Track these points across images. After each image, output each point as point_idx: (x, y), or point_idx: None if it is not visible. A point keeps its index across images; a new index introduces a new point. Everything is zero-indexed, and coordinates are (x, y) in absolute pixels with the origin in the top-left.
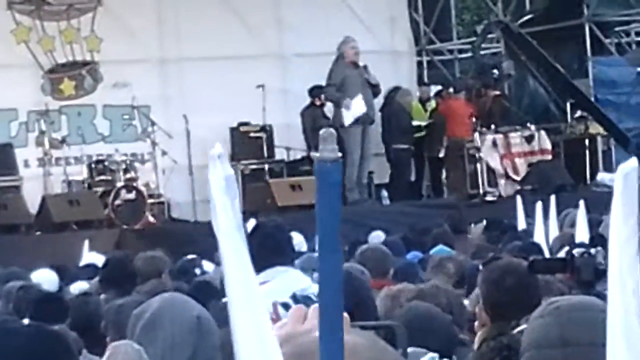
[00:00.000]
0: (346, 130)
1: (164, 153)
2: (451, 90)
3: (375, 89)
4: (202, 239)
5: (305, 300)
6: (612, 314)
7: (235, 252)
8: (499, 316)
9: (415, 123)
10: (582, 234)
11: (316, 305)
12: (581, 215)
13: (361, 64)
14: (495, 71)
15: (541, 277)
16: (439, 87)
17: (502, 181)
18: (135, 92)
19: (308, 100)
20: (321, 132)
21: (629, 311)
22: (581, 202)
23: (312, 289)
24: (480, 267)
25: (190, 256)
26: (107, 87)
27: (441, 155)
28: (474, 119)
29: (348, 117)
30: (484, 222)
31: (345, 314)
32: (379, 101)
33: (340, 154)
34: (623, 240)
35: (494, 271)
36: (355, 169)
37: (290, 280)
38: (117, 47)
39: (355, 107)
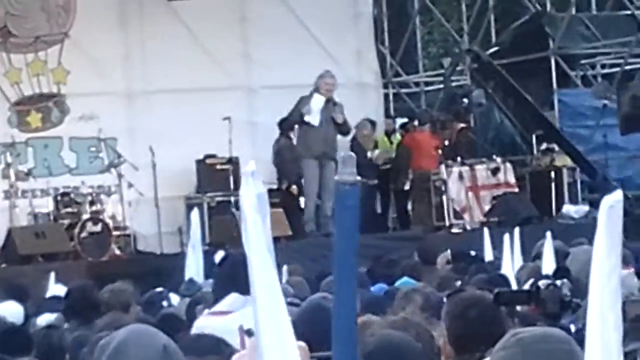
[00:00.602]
0: (304, 162)
1: (130, 185)
2: (416, 122)
3: (340, 127)
4: (168, 271)
5: None
6: (591, 348)
7: (264, 268)
8: (462, 349)
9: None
10: (548, 265)
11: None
12: (548, 246)
13: (337, 100)
14: (465, 100)
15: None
16: (405, 120)
17: (466, 214)
18: (102, 124)
19: (275, 132)
20: (341, 154)
21: (609, 346)
22: (548, 234)
23: None
24: (445, 299)
25: (158, 289)
26: (74, 119)
27: (406, 187)
28: (439, 151)
29: (314, 118)
30: (448, 251)
31: (303, 344)
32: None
33: (358, 178)
34: (605, 273)
35: (458, 303)
36: (312, 201)
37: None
38: (84, 79)
39: (315, 105)
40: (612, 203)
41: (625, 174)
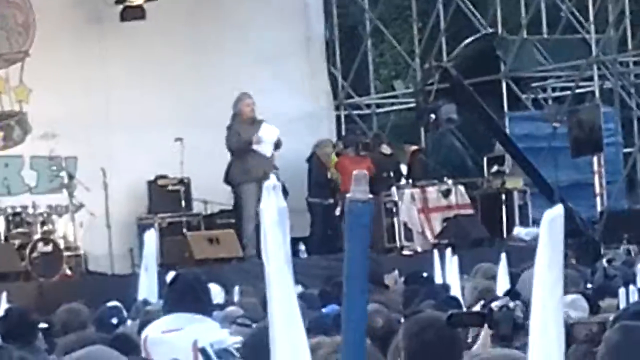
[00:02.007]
0: (239, 186)
1: (80, 206)
2: (341, 146)
3: (276, 148)
4: (119, 292)
5: (222, 353)
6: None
7: (282, 281)
8: None
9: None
10: (502, 287)
11: None
12: (502, 268)
13: (259, 118)
14: (433, 116)
15: None
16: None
17: (418, 236)
18: (62, 144)
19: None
20: (355, 173)
21: (551, 357)
22: (503, 255)
23: (230, 341)
24: (402, 320)
25: (110, 304)
26: (35, 138)
27: None
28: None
29: (267, 148)
30: (396, 272)
31: None
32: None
33: (370, 196)
34: (548, 286)
35: (415, 324)
36: (251, 224)
37: (207, 329)
38: (45, 98)
39: (267, 135)
40: (553, 217)
41: (576, 196)
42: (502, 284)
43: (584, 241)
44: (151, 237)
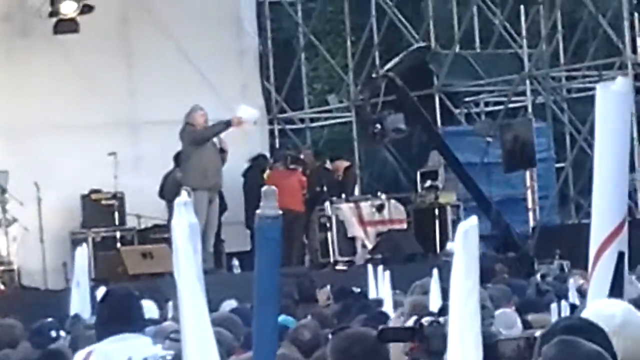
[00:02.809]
0: (197, 193)
1: (14, 220)
2: (271, 161)
3: (223, 155)
4: (53, 307)
5: None
6: None
7: (193, 297)
8: None
9: None
10: (435, 302)
11: None
12: (434, 283)
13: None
14: (378, 126)
15: None
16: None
17: (359, 249)
18: None
19: (160, 167)
20: (263, 189)
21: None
22: (435, 271)
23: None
24: (330, 336)
25: (47, 319)
26: None
27: None
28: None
29: (247, 128)
30: (328, 287)
31: None
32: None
33: (280, 212)
34: (463, 295)
35: (342, 340)
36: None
37: (140, 345)
38: None
39: (245, 115)
40: (467, 228)
41: (509, 210)
42: (435, 299)
43: (518, 256)
44: (82, 253)
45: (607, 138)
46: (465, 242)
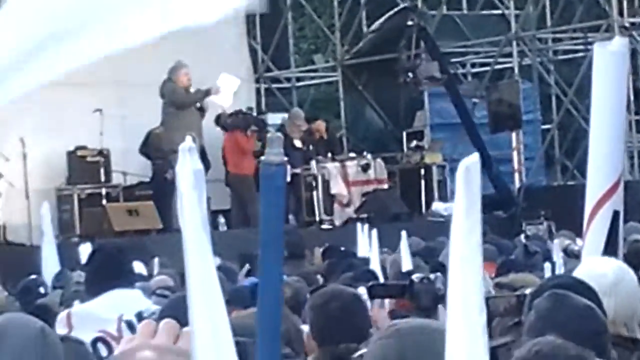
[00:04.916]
0: (174, 156)
1: None
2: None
3: (202, 113)
4: (38, 263)
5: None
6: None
7: (199, 246)
8: (325, 341)
9: None
10: (406, 263)
11: (168, 320)
12: (404, 244)
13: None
14: (411, 75)
15: None
16: (283, 115)
17: (338, 209)
18: None
19: (144, 126)
20: (268, 135)
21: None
22: (403, 233)
23: (152, 310)
24: (308, 294)
25: (32, 276)
26: None
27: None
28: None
29: (227, 99)
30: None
31: (174, 322)
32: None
33: (285, 158)
34: (465, 232)
35: (319, 297)
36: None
37: (133, 300)
38: None
39: (226, 85)
40: (469, 164)
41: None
42: (406, 261)
43: (508, 215)
44: (46, 208)
45: (604, 97)
46: (466, 179)
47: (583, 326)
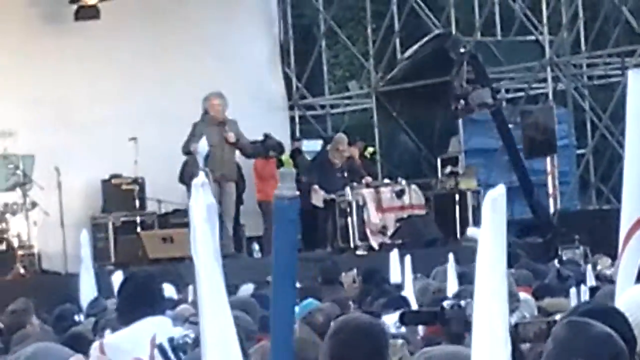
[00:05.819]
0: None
1: (34, 204)
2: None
3: (236, 146)
4: (73, 291)
5: (182, 345)
6: (478, 334)
7: (212, 277)
8: None
9: None
10: (452, 287)
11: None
12: (451, 268)
13: (231, 118)
14: (463, 102)
15: None
16: (317, 141)
17: (373, 235)
18: (17, 142)
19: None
20: (281, 170)
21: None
22: (450, 255)
23: (184, 333)
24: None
25: (67, 304)
26: None
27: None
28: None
29: (200, 160)
30: (354, 271)
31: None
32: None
33: (297, 192)
34: (491, 263)
35: (335, 325)
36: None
37: (164, 326)
38: (1, 96)
39: (202, 148)
40: (496, 196)
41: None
42: (452, 284)
43: (545, 240)
44: (85, 237)
45: (639, 122)
46: (493, 210)
47: (599, 353)
